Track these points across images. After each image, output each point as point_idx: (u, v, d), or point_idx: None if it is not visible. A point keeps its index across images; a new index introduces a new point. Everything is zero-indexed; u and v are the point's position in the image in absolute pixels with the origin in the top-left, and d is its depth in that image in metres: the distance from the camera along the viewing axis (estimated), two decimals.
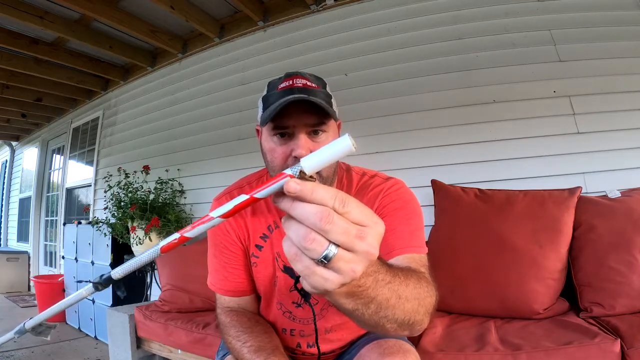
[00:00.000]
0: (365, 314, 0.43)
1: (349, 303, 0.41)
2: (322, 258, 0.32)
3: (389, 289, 0.43)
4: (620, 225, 1.30)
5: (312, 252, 0.32)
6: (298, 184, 0.32)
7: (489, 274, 1.37)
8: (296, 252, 0.33)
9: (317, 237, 0.32)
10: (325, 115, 0.71)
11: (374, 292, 0.41)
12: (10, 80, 3.24)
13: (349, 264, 0.33)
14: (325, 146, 0.34)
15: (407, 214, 0.77)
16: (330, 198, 0.32)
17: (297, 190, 0.32)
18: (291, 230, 0.33)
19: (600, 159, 1.67)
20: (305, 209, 0.32)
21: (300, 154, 0.70)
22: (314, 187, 0.32)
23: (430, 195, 1.68)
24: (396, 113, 2.04)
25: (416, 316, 0.49)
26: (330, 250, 0.32)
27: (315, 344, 0.86)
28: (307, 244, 0.32)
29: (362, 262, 0.34)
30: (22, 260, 4.76)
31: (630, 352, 1.00)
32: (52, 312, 0.43)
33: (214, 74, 2.76)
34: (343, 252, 0.33)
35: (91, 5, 2.22)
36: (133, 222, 2.36)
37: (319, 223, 0.31)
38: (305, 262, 0.33)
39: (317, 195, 0.32)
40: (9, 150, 5.76)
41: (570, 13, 1.83)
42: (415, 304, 0.49)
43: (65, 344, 2.66)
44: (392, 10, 2.14)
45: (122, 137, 3.40)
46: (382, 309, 0.44)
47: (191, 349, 1.58)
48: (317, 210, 0.32)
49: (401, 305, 0.46)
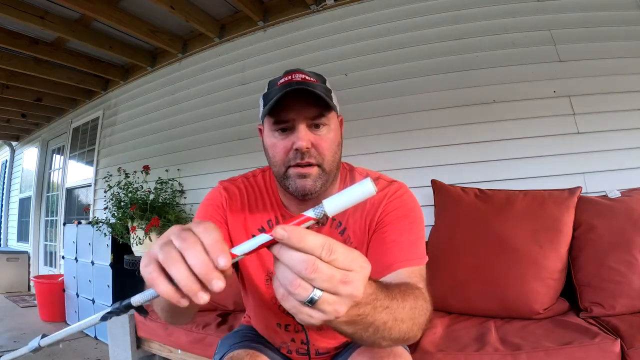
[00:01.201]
0: (363, 336, 0.46)
1: (348, 329, 0.44)
2: (308, 301, 0.35)
3: (386, 313, 0.46)
4: (620, 225, 1.30)
5: (298, 296, 0.34)
6: (285, 231, 0.34)
7: (489, 274, 1.37)
8: (284, 293, 0.36)
9: (302, 283, 0.34)
10: (325, 107, 0.72)
11: (372, 318, 0.44)
12: (10, 80, 3.24)
13: (332, 306, 0.36)
14: (346, 189, 0.36)
15: (409, 223, 0.76)
16: (318, 247, 0.34)
17: (285, 238, 0.34)
18: (279, 273, 0.36)
19: (600, 159, 1.67)
20: (292, 257, 0.34)
21: (301, 146, 0.70)
22: (302, 235, 0.34)
23: (430, 195, 1.68)
24: (396, 113, 2.04)
25: (410, 333, 0.52)
26: (315, 294, 0.34)
27: (306, 343, 0.85)
28: (292, 289, 0.34)
29: (346, 303, 0.36)
30: (22, 260, 4.76)
31: (630, 352, 1.00)
32: (68, 332, 0.43)
33: (214, 74, 2.76)
34: (327, 296, 0.35)
35: (91, 5, 2.22)
36: (133, 222, 2.36)
37: (304, 272, 0.34)
38: (292, 302, 0.36)
39: (305, 243, 0.34)
40: (9, 150, 5.76)
41: (570, 13, 1.83)
42: (410, 323, 0.51)
43: (65, 344, 2.66)
44: (392, 10, 2.14)
45: (122, 137, 3.40)
46: (380, 331, 0.47)
47: (191, 349, 1.58)
48: (302, 259, 0.34)
49: (397, 327, 0.49)
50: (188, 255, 0.35)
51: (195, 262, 0.35)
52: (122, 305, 0.39)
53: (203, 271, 0.34)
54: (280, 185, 0.80)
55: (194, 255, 0.35)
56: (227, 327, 1.57)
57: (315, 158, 0.72)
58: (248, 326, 0.98)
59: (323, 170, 0.73)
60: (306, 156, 0.71)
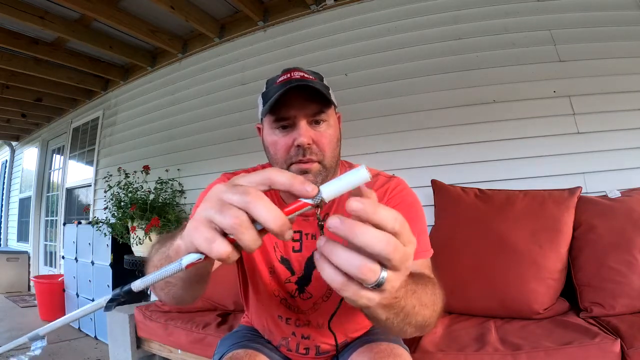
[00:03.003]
0: (394, 322, 0.45)
1: (383, 314, 0.42)
2: (375, 285, 0.32)
3: (415, 297, 0.46)
4: (620, 225, 1.30)
5: (366, 281, 0.31)
6: (360, 202, 0.30)
7: (489, 274, 1.37)
8: (343, 282, 0.32)
9: (374, 266, 0.31)
10: (325, 103, 0.72)
11: (404, 302, 0.43)
12: (10, 80, 3.24)
13: (391, 283, 0.33)
14: (342, 175, 0.34)
15: (412, 217, 0.76)
16: (392, 219, 0.31)
17: (360, 210, 0.30)
18: (341, 259, 0.31)
19: (600, 159, 1.67)
20: (373, 235, 0.30)
21: (302, 142, 0.71)
22: (376, 206, 0.31)
23: (430, 195, 1.68)
24: (396, 113, 2.04)
25: (431, 319, 0.53)
26: (383, 276, 0.31)
27: (308, 338, 0.85)
28: (362, 274, 0.30)
29: (402, 278, 0.34)
30: (22, 260, 4.76)
31: (630, 352, 1.00)
32: (67, 320, 0.42)
33: (214, 74, 2.76)
34: (391, 274, 0.32)
35: (91, 5, 2.22)
36: (133, 222, 2.36)
37: (384, 251, 0.30)
38: (353, 290, 0.32)
39: (379, 216, 0.31)
40: (9, 150, 5.76)
41: (570, 13, 1.83)
42: (432, 309, 0.52)
43: (65, 344, 2.66)
44: (392, 10, 2.14)
45: (122, 137, 3.40)
46: (408, 316, 0.46)
47: (191, 349, 1.58)
48: (384, 238, 0.30)
49: (422, 311, 0.49)
50: (258, 209, 0.31)
51: (268, 216, 0.31)
52: (123, 291, 0.39)
53: (278, 224, 0.31)
54: None
55: (266, 209, 0.31)
56: (227, 327, 1.56)
57: (316, 154, 0.73)
58: (247, 326, 0.98)
59: (324, 166, 0.74)
60: (307, 152, 0.72)
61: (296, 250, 0.82)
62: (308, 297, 0.83)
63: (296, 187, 0.33)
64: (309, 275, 0.82)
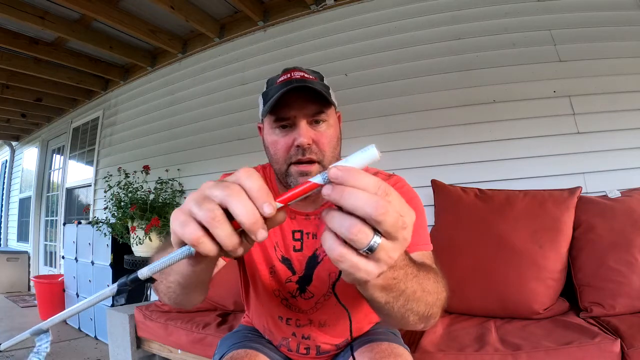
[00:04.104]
0: (394, 307, 0.45)
1: (382, 297, 0.42)
2: (367, 249, 0.32)
3: (416, 282, 0.45)
4: (620, 225, 1.30)
5: (358, 242, 0.31)
6: (340, 170, 0.32)
7: (489, 274, 1.37)
8: (340, 253, 0.33)
9: (364, 227, 0.31)
10: (325, 103, 0.73)
11: (404, 285, 0.43)
12: (10, 80, 3.24)
13: (387, 253, 0.33)
14: (351, 155, 0.34)
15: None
16: (374, 186, 0.32)
17: (339, 177, 0.31)
18: (335, 222, 0.32)
19: (600, 159, 1.67)
20: (359, 197, 0.31)
21: (302, 142, 0.71)
22: (357, 173, 0.32)
23: (430, 195, 1.68)
24: (396, 113, 2.04)
25: (434, 309, 0.52)
26: (375, 241, 0.32)
27: (309, 338, 0.85)
28: (352, 235, 0.31)
29: (399, 250, 0.34)
30: (22, 260, 4.76)
31: (630, 352, 1.00)
32: (72, 312, 0.42)
33: (214, 74, 2.76)
34: (385, 242, 0.32)
35: (91, 5, 2.22)
36: (133, 222, 2.36)
37: (374, 213, 0.30)
38: (350, 260, 0.33)
39: (361, 181, 0.31)
40: (9, 150, 5.76)
41: (570, 13, 1.83)
42: (435, 297, 0.51)
43: (65, 344, 2.66)
44: (392, 10, 2.14)
45: (122, 137, 3.40)
46: (409, 302, 0.46)
47: (191, 349, 1.58)
48: (372, 199, 0.31)
49: (425, 298, 0.48)
50: (234, 203, 0.32)
51: (241, 211, 0.32)
52: (129, 279, 0.38)
53: (250, 221, 0.32)
54: (281, 182, 0.81)
55: (241, 204, 0.32)
56: (227, 327, 1.56)
57: (316, 154, 0.74)
58: (248, 326, 0.98)
59: (323, 166, 0.74)
60: (307, 152, 0.73)
61: (297, 250, 0.82)
62: (309, 296, 0.83)
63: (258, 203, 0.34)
64: (310, 274, 0.82)
